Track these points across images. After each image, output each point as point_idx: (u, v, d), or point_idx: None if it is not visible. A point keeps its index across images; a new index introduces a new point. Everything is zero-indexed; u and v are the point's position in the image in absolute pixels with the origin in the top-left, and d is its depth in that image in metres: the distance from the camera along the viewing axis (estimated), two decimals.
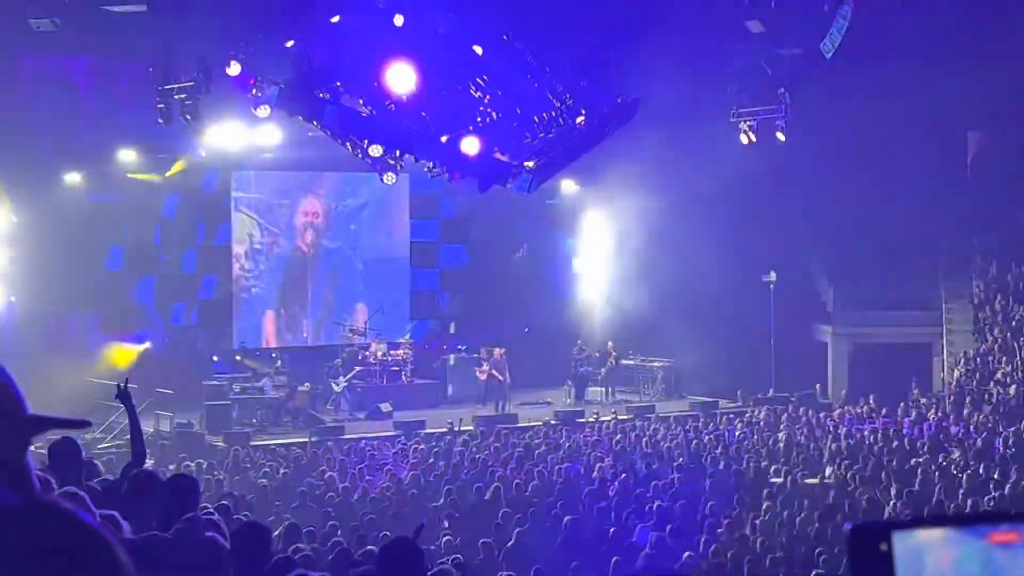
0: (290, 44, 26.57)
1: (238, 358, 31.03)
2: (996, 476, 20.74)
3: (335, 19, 26.66)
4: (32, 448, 2.27)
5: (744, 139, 31.70)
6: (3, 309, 28.55)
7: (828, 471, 21.96)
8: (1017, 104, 33.00)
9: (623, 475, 21.26)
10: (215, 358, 30.91)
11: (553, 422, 28.31)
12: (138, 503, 6.52)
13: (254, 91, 25.61)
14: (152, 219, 31.56)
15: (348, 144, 28.66)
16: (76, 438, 7.67)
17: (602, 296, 35.27)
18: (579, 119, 29.54)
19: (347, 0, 26.53)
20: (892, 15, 25.56)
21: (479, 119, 29.52)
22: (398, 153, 27.90)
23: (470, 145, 28.16)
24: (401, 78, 27.15)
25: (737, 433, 26.62)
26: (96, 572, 1.73)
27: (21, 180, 28.61)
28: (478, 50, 28.73)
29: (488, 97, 29.25)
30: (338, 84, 27.59)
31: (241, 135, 30.28)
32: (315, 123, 27.38)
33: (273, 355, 31.48)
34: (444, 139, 28.16)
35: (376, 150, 27.41)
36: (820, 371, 34.10)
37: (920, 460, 22.44)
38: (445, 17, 27.30)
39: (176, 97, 25.84)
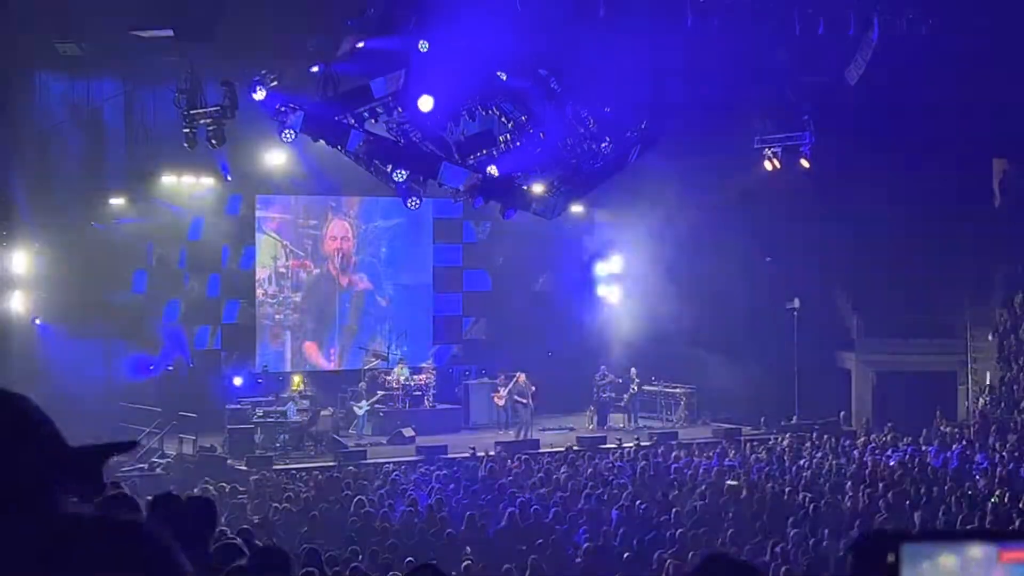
0: (315, 69, 26.71)
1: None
2: (1022, 505, 20.60)
3: (360, 44, 26.81)
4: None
5: (768, 165, 31.70)
6: (29, 330, 28.67)
7: (850, 498, 21.84)
8: None
9: (643, 503, 21.19)
10: (238, 381, 30.92)
11: (575, 448, 28.22)
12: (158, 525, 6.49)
13: (280, 116, 25.72)
14: (177, 242, 31.67)
15: (372, 169, 28.75)
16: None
17: (625, 322, 35.20)
18: (604, 145, 29.61)
19: (373, 26, 26.67)
20: (917, 42, 25.53)
21: (503, 144, 29.61)
22: (422, 178, 27.96)
23: (494, 170, 28.24)
24: (425, 104, 27.27)
25: (761, 460, 26.51)
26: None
27: (47, 204, 28.78)
28: (503, 76, 28.84)
29: (513, 123, 29.35)
30: (363, 110, 27.72)
31: (266, 159, 30.44)
32: (340, 148, 27.47)
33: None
34: (469, 164, 28.24)
35: (400, 175, 27.46)
36: (844, 399, 33.93)
37: (945, 488, 22.31)
38: (470, 44, 27.38)
39: (202, 122, 25.95)
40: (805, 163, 31.25)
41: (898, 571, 1.70)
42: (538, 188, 28.71)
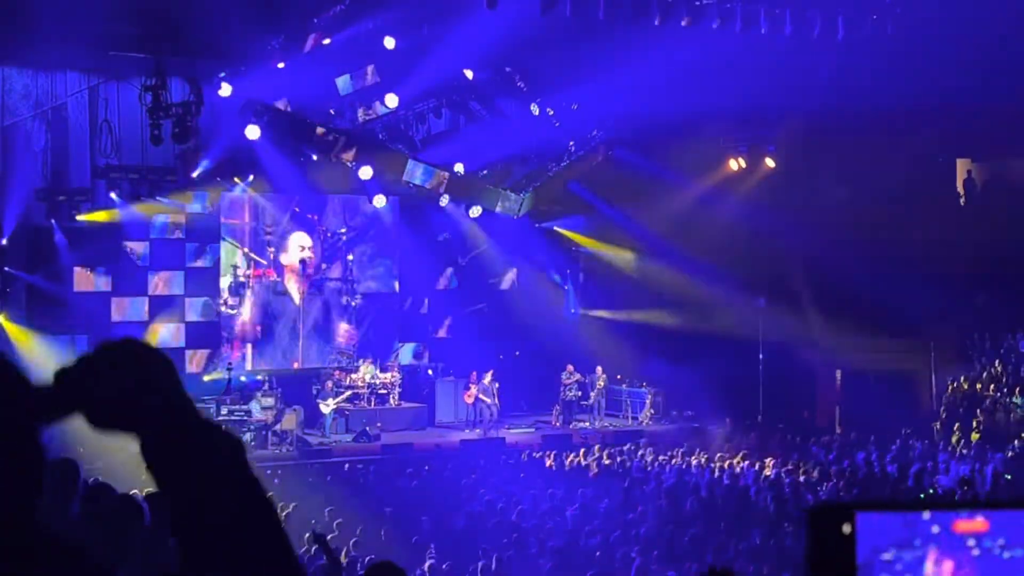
0: (281, 66, 26.65)
1: None
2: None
3: (326, 42, 26.77)
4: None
5: (734, 165, 31.82)
6: None
7: (813, 498, 21.92)
8: (1007, 133, 33.16)
9: (608, 500, 21.23)
10: (206, 378, 30.79)
11: (541, 446, 28.23)
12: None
13: (245, 113, 25.65)
14: (141, 240, 31.44)
15: (338, 166, 28.72)
16: (77, 458, 7.55)
17: (591, 320, 35.23)
18: (569, 143, 29.68)
19: (338, 23, 26.62)
20: (882, 42, 25.65)
21: (469, 142, 29.64)
22: (387, 176, 27.93)
23: (460, 168, 28.25)
24: (391, 101, 27.26)
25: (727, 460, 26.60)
26: None
27: (9, 200, 28.56)
28: (468, 74, 28.85)
29: (479, 121, 29.38)
30: (331, 111, 27.70)
31: (231, 157, 30.26)
32: (305, 145, 27.43)
33: (259, 377, 31.37)
34: (434, 163, 28.24)
35: (366, 172, 27.44)
36: (809, 398, 34.08)
37: (908, 487, 22.44)
38: (436, 41, 27.40)
39: (167, 119, 25.83)
40: (770, 162, 31.39)
41: (853, 541, 1.68)
42: (504, 186, 28.73)
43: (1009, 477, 23.51)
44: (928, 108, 30.46)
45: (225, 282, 32.65)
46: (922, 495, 19.46)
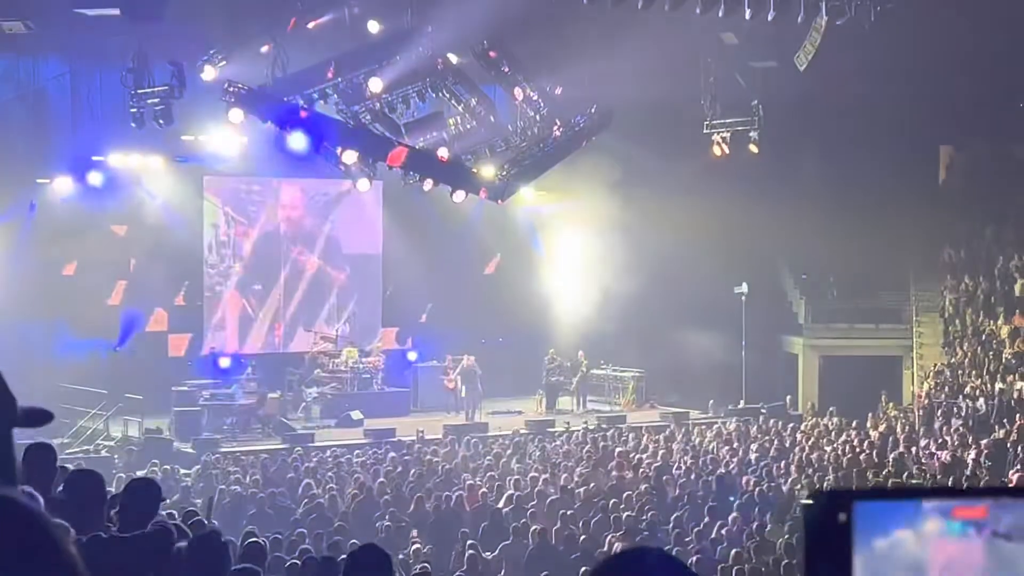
0: (265, 50, 26.54)
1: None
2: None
3: (310, 25, 26.67)
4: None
5: (717, 151, 31.82)
6: None
7: (795, 483, 21.98)
8: (988, 118, 33.25)
9: (590, 485, 21.27)
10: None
11: (523, 431, 28.26)
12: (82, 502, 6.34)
13: (228, 96, 25.53)
14: (123, 223, 31.33)
15: (321, 151, 28.61)
16: (51, 443, 7.52)
17: (574, 306, 35.25)
18: (554, 128, 29.62)
19: (322, 7, 26.53)
20: (865, 28, 25.64)
21: (453, 127, 29.57)
22: (372, 160, 27.84)
23: (444, 153, 28.20)
24: (375, 85, 27.18)
25: (707, 443, 26.67)
26: (44, 568, 1.72)
27: None
28: (453, 58, 28.78)
29: (463, 105, 29.30)
30: (312, 91, 27.59)
31: (214, 140, 30.17)
32: (288, 129, 27.32)
33: (242, 360, 31.32)
34: (418, 147, 28.16)
35: (350, 156, 27.35)
36: (790, 383, 34.19)
37: (888, 472, 22.53)
38: (420, 25, 27.33)
39: (149, 102, 25.72)
40: (754, 148, 31.40)
41: (850, 530, 1.68)
42: (488, 171, 28.67)
43: (989, 463, 23.58)
44: (911, 95, 30.54)
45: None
46: (913, 482, 19.52)
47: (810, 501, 1.71)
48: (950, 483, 21.13)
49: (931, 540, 1.67)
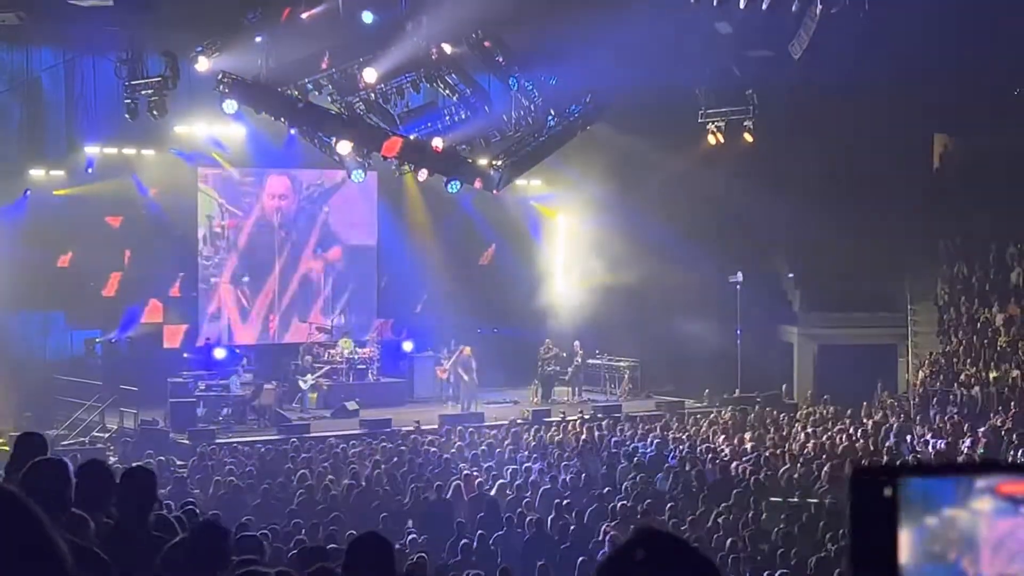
0: (259, 40, 26.49)
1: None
2: None
3: (305, 15, 26.62)
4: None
5: (712, 139, 31.82)
6: None
7: (790, 471, 22.01)
8: (982, 108, 33.26)
9: (586, 474, 21.30)
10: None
11: (519, 421, 28.26)
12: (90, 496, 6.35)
13: (221, 87, 25.49)
14: (119, 214, 31.28)
15: (316, 141, 28.60)
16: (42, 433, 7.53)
17: (569, 296, 35.26)
18: (549, 118, 29.61)
19: None
20: (859, 17, 25.64)
21: (448, 117, 29.53)
22: (366, 151, 27.81)
23: (438, 143, 28.16)
24: (370, 75, 27.16)
25: (702, 432, 26.69)
26: (30, 555, 1.72)
27: None
28: (447, 48, 28.74)
29: (458, 95, 29.26)
30: (306, 81, 27.57)
31: (208, 131, 30.16)
32: (282, 120, 27.30)
33: (237, 350, 31.32)
34: (413, 137, 28.14)
35: (344, 147, 27.32)
36: (786, 372, 34.19)
37: (884, 461, 22.54)
38: (414, 15, 27.29)
39: (143, 93, 25.68)
40: (748, 137, 31.40)
41: (895, 505, 1.69)
42: (483, 161, 28.66)
43: (983, 451, 23.64)
44: (906, 83, 30.53)
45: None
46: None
47: (856, 476, 1.73)
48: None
49: (982, 517, 1.68)
